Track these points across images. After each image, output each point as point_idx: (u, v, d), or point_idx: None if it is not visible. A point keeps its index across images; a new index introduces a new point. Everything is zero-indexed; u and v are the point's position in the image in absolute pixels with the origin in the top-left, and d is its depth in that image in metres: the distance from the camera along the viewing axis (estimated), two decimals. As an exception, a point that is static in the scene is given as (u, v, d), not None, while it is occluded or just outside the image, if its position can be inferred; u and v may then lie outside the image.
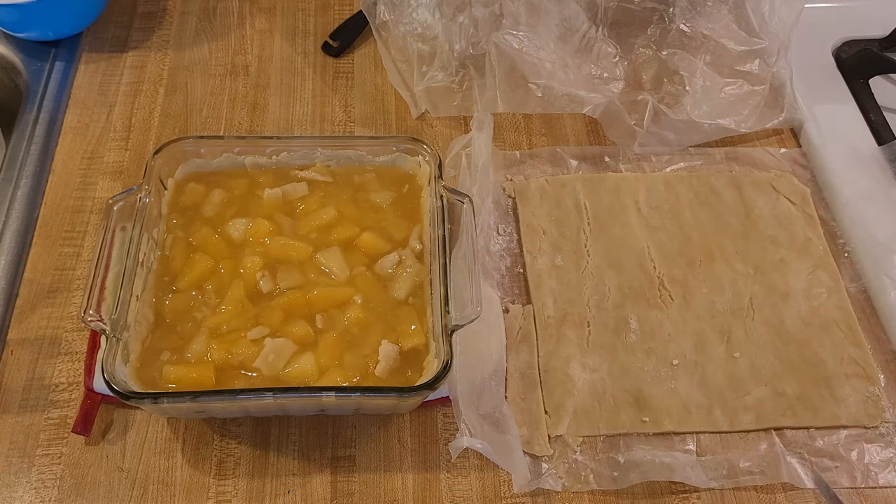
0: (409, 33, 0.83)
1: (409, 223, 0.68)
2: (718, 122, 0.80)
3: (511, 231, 0.75)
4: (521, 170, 0.79)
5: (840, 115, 0.83)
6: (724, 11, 0.82)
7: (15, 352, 0.66)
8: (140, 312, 0.60)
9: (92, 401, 0.62)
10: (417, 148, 0.69)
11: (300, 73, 0.87)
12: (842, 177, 0.78)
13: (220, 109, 0.83)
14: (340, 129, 0.82)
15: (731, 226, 0.75)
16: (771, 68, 0.82)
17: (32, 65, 0.86)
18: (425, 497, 0.61)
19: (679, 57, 0.82)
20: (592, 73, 0.82)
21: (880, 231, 0.74)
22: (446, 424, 0.64)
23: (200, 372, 0.59)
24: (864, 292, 0.72)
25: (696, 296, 0.71)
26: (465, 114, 0.83)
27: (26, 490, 0.60)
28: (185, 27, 0.90)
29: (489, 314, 0.66)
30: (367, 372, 0.60)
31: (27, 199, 0.75)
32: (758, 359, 0.67)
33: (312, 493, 0.61)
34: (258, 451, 0.62)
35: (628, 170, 0.80)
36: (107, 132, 0.81)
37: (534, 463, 0.62)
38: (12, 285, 0.70)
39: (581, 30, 0.82)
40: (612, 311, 0.69)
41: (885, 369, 0.68)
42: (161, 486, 0.60)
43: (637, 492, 0.61)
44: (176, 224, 0.67)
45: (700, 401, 0.65)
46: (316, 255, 0.65)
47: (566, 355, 0.67)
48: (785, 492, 0.62)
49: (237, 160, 0.70)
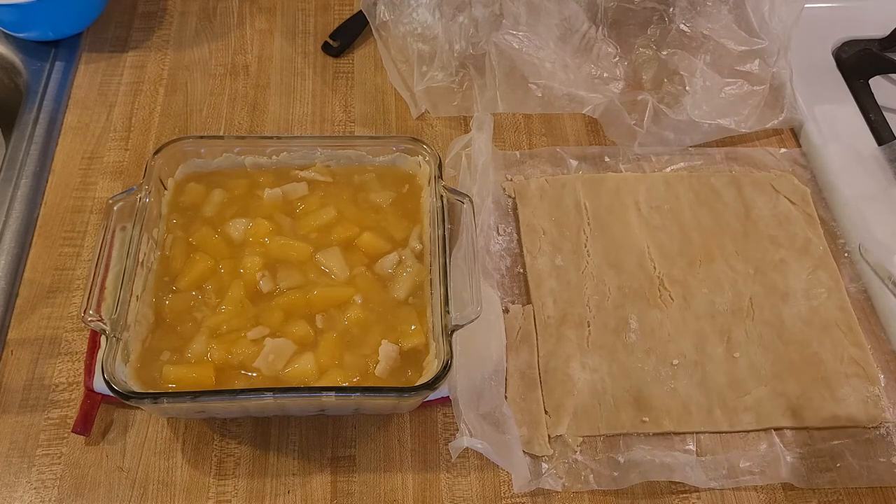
0: (409, 33, 0.83)
1: (409, 223, 0.68)
2: (718, 122, 0.80)
3: (511, 231, 0.75)
4: (521, 170, 0.79)
5: (840, 115, 0.83)
6: (724, 11, 0.82)
7: (15, 352, 0.66)
8: (140, 312, 0.60)
9: (92, 401, 0.62)
10: (417, 148, 0.69)
11: (300, 73, 0.87)
12: (842, 177, 0.78)
13: (220, 109, 0.83)
14: (340, 129, 0.82)
15: (731, 226, 0.75)
16: (771, 68, 0.82)
17: (32, 65, 0.86)
18: (425, 497, 0.61)
19: (679, 57, 0.82)
20: (592, 73, 0.83)
21: (880, 231, 0.74)
22: (446, 424, 0.64)
23: (200, 372, 0.59)
24: (864, 292, 0.72)
25: (696, 296, 0.71)
26: (465, 114, 0.83)
27: (26, 490, 0.60)
28: (185, 27, 0.90)
29: (489, 314, 0.66)
30: (367, 372, 0.60)
31: (27, 199, 0.75)
32: (758, 359, 0.67)
33: (312, 493, 0.61)
34: (258, 451, 0.62)
35: (628, 170, 0.80)
36: (107, 132, 0.81)
37: (534, 463, 0.62)
38: (12, 285, 0.70)
39: (581, 30, 0.82)
40: (612, 311, 0.69)
41: (885, 369, 0.68)
42: (161, 486, 0.60)
43: (637, 492, 0.61)
44: (176, 224, 0.66)
45: (700, 401, 0.65)
46: (316, 255, 0.65)
47: (566, 355, 0.67)
48: (785, 492, 0.62)
49: (237, 160, 0.70)
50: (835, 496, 0.61)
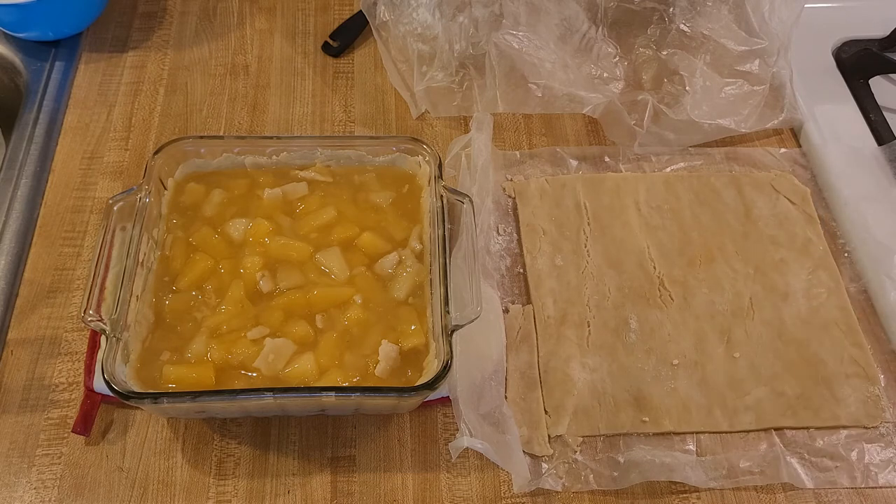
0: (409, 33, 0.83)
1: (409, 223, 0.68)
2: (718, 122, 0.80)
3: (511, 231, 0.75)
4: (521, 170, 0.79)
5: (840, 115, 0.83)
6: (724, 11, 0.82)
7: (15, 352, 0.66)
8: (140, 312, 0.60)
9: (92, 401, 0.62)
10: (417, 148, 0.69)
11: (300, 73, 0.87)
12: (842, 177, 0.78)
13: (220, 109, 0.83)
14: (340, 129, 0.82)
15: (731, 226, 0.75)
16: (771, 68, 0.82)
17: (32, 65, 0.86)
18: (425, 497, 0.61)
19: (679, 57, 0.82)
20: (592, 73, 0.83)
21: (880, 231, 0.74)
22: (446, 424, 0.64)
23: (200, 372, 0.59)
24: (864, 292, 0.72)
25: (696, 296, 0.71)
26: (465, 114, 0.83)
27: (26, 490, 0.60)
28: (185, 27, 0.90)
29: (489, 314, 0.66)
30: (367, 372, 0.60)
31: (27, 199, 0.75)
32: (758, 359, 0.67)
33: (312, 493, 0.61)
34: (258, 451, 0.62)
35: (628, 170, 0.80)
36: (107, 132, 0.81)
37: (534, 463, 0.62)
38: (12, 285, 0.70)
39: (581, 30, 0.82)
40: (612, 311, 0.69)
41: (885, 369, 0.68)
42: (161, 486, 0.60)
43: (637, 492, 0.61)
44: (176, 224, 0.67)
45: (700, 401, 0.65)
46: (316, 255, 0.65)
47: (566, 355, 0.67)
48: (785, 492, 0.62)
49: (237, 160, 0.70)
50: (835, 496, 0.61)
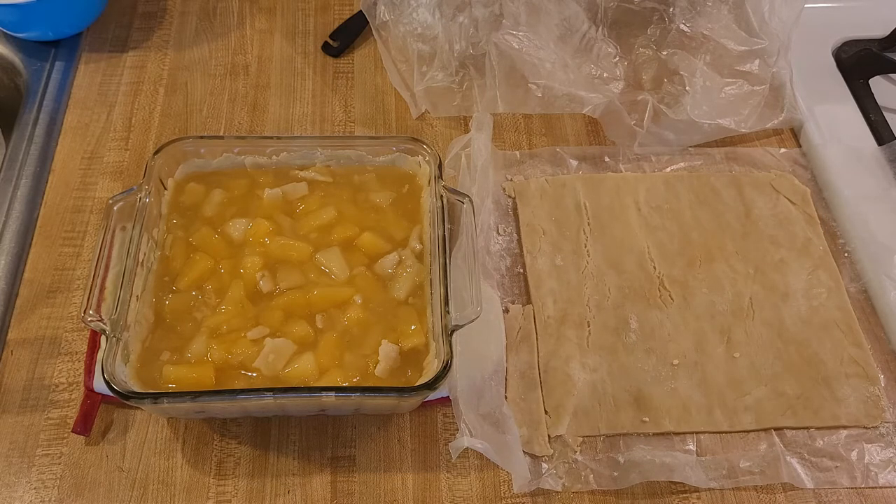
0: (409, 33, 0.83)
1: (409, 223, 0.68)
2: (718, 122, 0.80)
3: (511, 231, 0.75)
4: (520, 170, 0.79)
5: (840, 115, 0.83)
6: (724, 11, 0.82)
7: (15, 352, 0.66)
8: (140, 312, 0.60)
9: (92, 401, 0.62)
10: (417, 148, 0.69)
11: (300, 73, 0.87)
12: (842, 177, 0.78)
13: (220, 109, 0.83)
14: (340, 129, 0.82)
15: (731, 226, 0.75)
16: (771, 68, 0.82)
17: (32, 65, 0.86)
18: (425, 497, 0.61)
19: (679, 57, 0.82)
20: (592, 73, 0.82)
21: (880, 231, 0.74)
22: (446, 424, 0.64)
23: (200, 372, 0.59)
24: (864, 292, 0.72)
25: (697, 296, 0.71)
26: (465, 114, 0.83)
27: (26, 490, 0.60)
28: (185, 27, 0.90)
29: (489, 314, 0.66)
30: (367, 372, 0.60)
31: (27, 199, 0.75)
32: (758, 359, 0.67)
33: (312, 493, 0.61)
34: (258, 451, 0.62)
35: (628, 170, 0.80)
36: (107, 132, 0.81)
37: (534, 463, 0.62)
38: (12, 285, 0.70)
39: (581, 30, 0.82)
40: (612, 311, 0.69)
41: (885, 369, 0.68)
42: (161, 486, 0.60)
43: (637, 492, 0.61)
44: (176, 224, 0.67)
45: (700, 401, 0.65)
46: (316, 255, 0.65)
47: (566, 355, 0.67)
48: (785, 492, 0.62)
49: (237, 160, 0.70)
50: (835, 496, 0.61)
